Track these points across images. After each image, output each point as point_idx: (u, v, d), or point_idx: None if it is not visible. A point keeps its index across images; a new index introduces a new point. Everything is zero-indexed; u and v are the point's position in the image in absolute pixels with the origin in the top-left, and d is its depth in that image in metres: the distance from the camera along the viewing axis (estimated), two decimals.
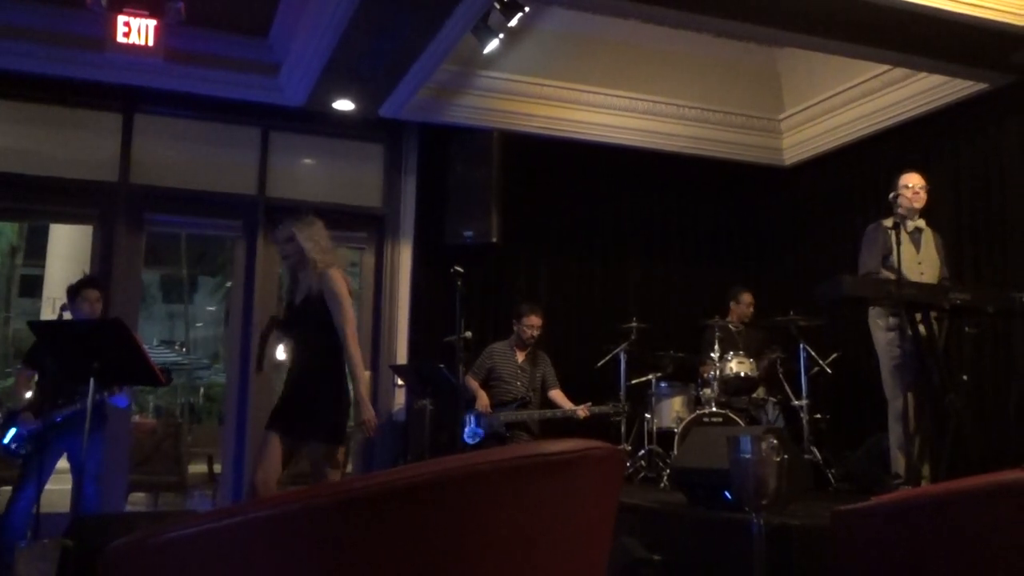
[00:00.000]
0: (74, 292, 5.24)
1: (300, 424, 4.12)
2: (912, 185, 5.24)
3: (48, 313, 10.25)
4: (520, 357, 6.49)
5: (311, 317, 4.18)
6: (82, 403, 4.78)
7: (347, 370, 4.23)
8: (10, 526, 4.84)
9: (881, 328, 5.08)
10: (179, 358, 16.37)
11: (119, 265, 6.61)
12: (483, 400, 6.27)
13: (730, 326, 6.92)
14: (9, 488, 6.78)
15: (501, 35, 6.09)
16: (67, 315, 5.19)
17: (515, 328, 6.51)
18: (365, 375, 4.40)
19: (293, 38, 6.31)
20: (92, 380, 3.97)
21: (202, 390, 16.97)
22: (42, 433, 4.86)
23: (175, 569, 1.29)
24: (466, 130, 7.17)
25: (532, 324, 6.43)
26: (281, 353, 4.56)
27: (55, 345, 4.34)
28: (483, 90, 7.11)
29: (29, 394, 5.17)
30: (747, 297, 7.13)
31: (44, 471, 4.89)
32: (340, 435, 4.23)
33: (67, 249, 10.42)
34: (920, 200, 5.26)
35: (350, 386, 4.27)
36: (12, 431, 4.96)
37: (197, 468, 8.81)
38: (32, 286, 15.04)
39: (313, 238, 4.24)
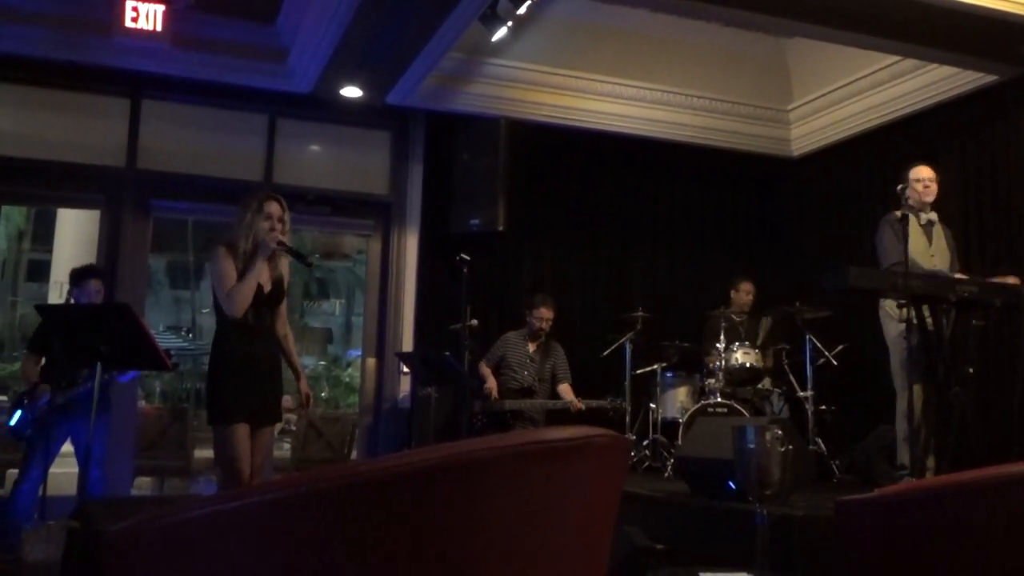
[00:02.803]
0: (78, 280, 5.28)
1: (275, 408, 4.04)
2: (922, 178, 5.21)
3: (55, 297, 10.26)
4: (531, 347, 6.51)
5: (277, 300, 4.03)
6: (86, 386, 4.83)
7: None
8: (16, 508, 4.89)
9: (892, 320, 5.06)
10: (185, 343, 16.41)
11: (126, 250, 6.62)
12: (491, 383, 6.32)
13: (733, 316, 6.91)
14: (15, 471, 6.85)
15: (509, 23, 6.06)
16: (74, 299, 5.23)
17: (527, 318, 6.53)
18: None
19: (301, 24, 6.30)
20: (99, 364, 3.97)
21: None
22: (47, 415, 4.90)
23: (180, 551, 1.30)
24: (473, 118, 7.16)
25: (541, 316, 6.45)
26: None
27: (62, 329, 4.36)
28: (491, 78, 7.09)
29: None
30: (746, 286, 7.10)
31: (49, 454, 4.93)
32: None
33: (74, 234, 10.41)
34: (931, 193, 5.23)
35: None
36: (18, 413, 5.01)
37: (202, 453, 8.84)
38: (39, 271, 15.06)
39: (289, 222, 4.03)
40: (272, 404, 4.01)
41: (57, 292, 10.34)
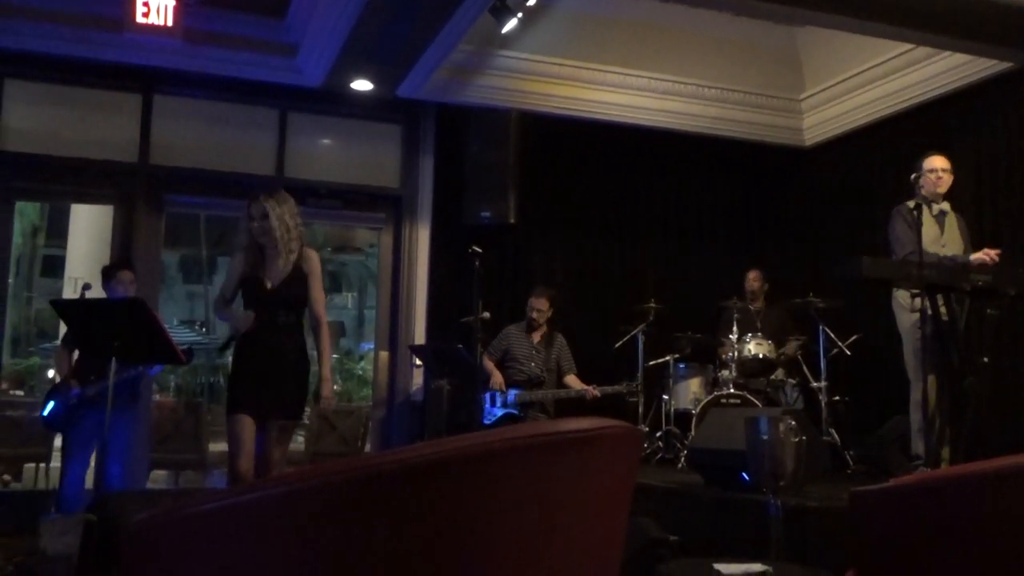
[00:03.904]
0: (110, 274, 5.34)
1: (289, 404, 4.07)
2: (936, 168, 5.18)
3: (70, 292, 10.34)
4: (535, 338, 6.51)
5: (291, 297, 4.08)
6: (117, 378, 4.90)
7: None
8: (66, 499, 4.98)
9: (906, 310, 5.04)
10: (199, 338, 16.49)
11: (139, 245, 6.66)
12: (497, 378, 6.31)
13: (749, 307, 6.90)
14: (32, 465, 6.93)
15: (519, 14, 6.06)
16: (88, 294, 5.27)
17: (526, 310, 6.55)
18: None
19: (311, 18, 6.30)
20: (113, 359, 4.00)
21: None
22: (78, 407, 4.96)
23: (196, 543, 1.31)
24: (484, 110, 7.15)
25: (532, 307, 6.48)
26: None
27: (77, 323, 4.39)
28: (501, 70, 7.08)
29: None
30: (752, 274, 7.11)
31: (88, 446, 5.03)
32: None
33: (88, 229, 10.50)
34: (944, 184, 5.20)
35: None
36: (51, 404, 5.08)
37: (217, 447, 8.89)
38: (54, 266, 15.17)
39: (285, 217, 4.05)
40: (283, 400, 4.02)
41: (71, 287, 10.41)
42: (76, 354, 5.32)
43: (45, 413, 5.09)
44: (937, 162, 5.20)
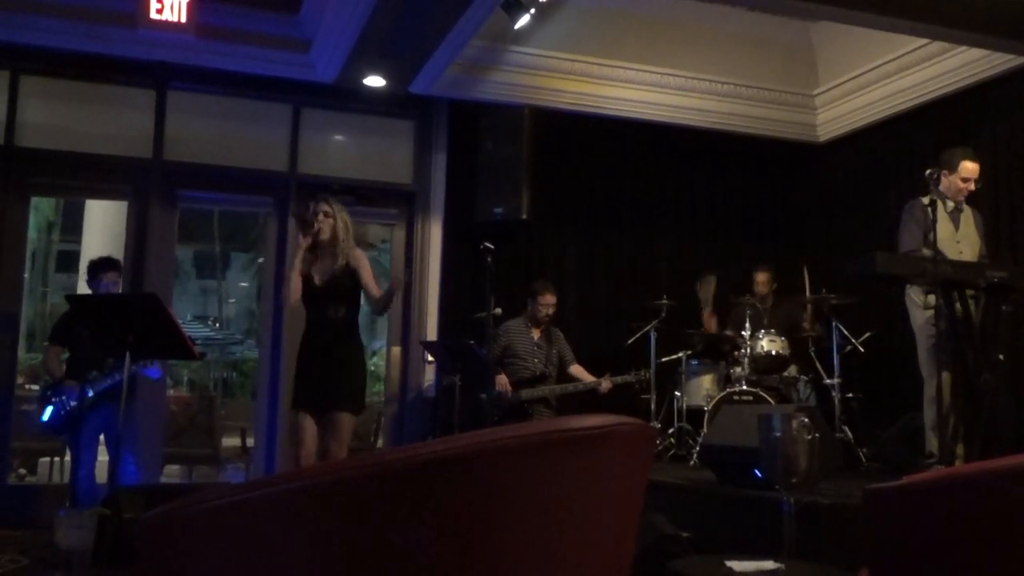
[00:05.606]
0: (93, 271, 5.37)
1: (333, 397, 4.29)
2: (971, 178, 5.11)
3: (84, 288, 10.39)
4: (536, 334, 6.49)
5: (339, 294, 4.38)
6: (113, 376, 4.92)
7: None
8: (79, 494, 5.04)
9: (919, 307, 5.02)
10: (212, 333, 16.58)
11: (153, 241, 6.68)
12: (503, 378, 6.26)
13: (758, 304, 6.87)
14: (47, 459, 6.98)
15: (532, 10, 6.05)
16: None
17: (529, 306, 6.50)
18: None
19: (324, 14, 6.31)
20: (127, 353, 4.03)
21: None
22: (79, 409, 4.98)
23: (209, 539, 1.31)
24: (496, 106, 7.15)
25: (547, 303, 6.43)
26: None
27: (91, 318, 4.41)
28: (513, 66, 7.07)
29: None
30: (760, 276, 7.03)
31: (93, 442, 5.07)
32: (363, 405, 4.50)
33: (102, 225, 10.53)
34: (969, 193, 5.15)
35: None
36: (49, 409, 5.08)
37: (230, 441, 8.94)
38: (68, 261, 15.26)
39: (346, 220, 4.44)
40: (332, 391, 4.28)
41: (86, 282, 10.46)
42: (65, 352, 5.34)
43: (45, 418, 5.10)
44: (972, 170, 5.11)
